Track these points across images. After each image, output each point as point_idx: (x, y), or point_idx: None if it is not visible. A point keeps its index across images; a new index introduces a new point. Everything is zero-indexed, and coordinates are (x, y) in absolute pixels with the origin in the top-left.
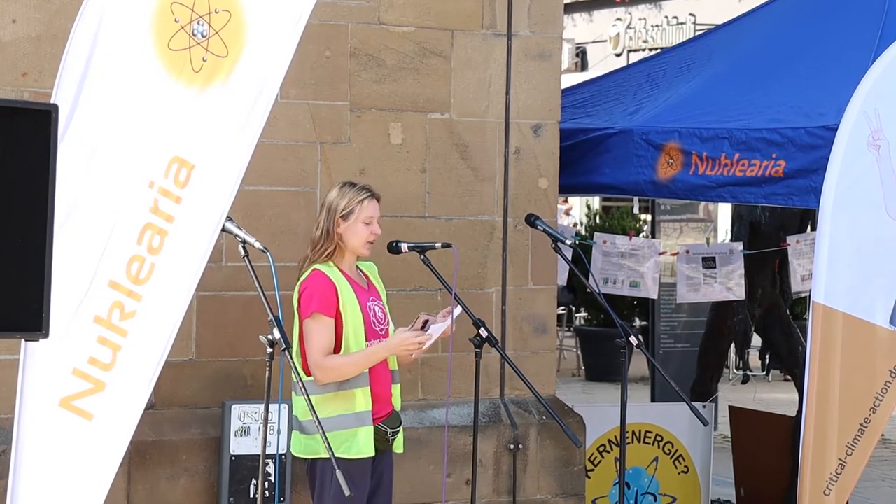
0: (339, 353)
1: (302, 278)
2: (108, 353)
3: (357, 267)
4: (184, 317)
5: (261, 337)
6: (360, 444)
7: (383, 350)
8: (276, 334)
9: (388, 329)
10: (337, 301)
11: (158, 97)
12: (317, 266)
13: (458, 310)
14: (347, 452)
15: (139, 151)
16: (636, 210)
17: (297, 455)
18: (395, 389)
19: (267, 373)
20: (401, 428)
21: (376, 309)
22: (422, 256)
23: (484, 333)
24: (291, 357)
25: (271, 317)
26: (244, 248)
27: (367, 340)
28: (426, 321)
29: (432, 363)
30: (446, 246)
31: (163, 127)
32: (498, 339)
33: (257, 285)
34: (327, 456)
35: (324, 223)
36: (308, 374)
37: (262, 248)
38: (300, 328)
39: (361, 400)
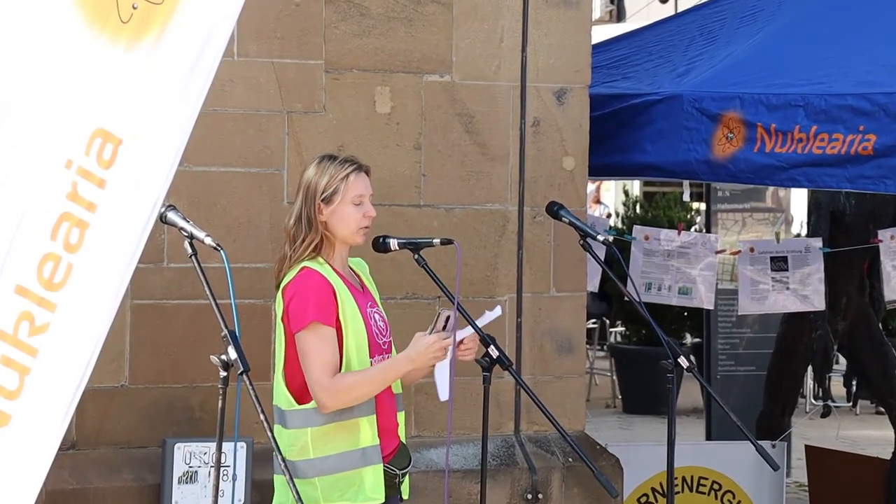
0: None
1: (287, 280)
2: (13, 377)
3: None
4: (112, 331)
5: (212, 357)
6: (368, 489)
7: (405, 361)
8: (233, 354)
9: (390, 342)
10: (337, 307)
11: (76, 55)
12: (306, 263)
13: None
14: (353, 499)
15: (52, 123)
16: (686, 197)
17: None
18: (401, 418)
19: (220, 402)
20: (410, 467)
21: (376, 317)
22: (416, 255)
23: (494, 353)
24: (251, 382)
25: (226, 331)
26: (191, 244)
27: (370, 357)
28: (448, 317)
29: (428, 390)
30: (446, 242)
31: (82, 92)
32: (512, 360)
33: (208, 292)
34: None
35: (301, 210)
36: (301, 401)
37: (214, 244)
38: (286, 344)
39: (367, 432)
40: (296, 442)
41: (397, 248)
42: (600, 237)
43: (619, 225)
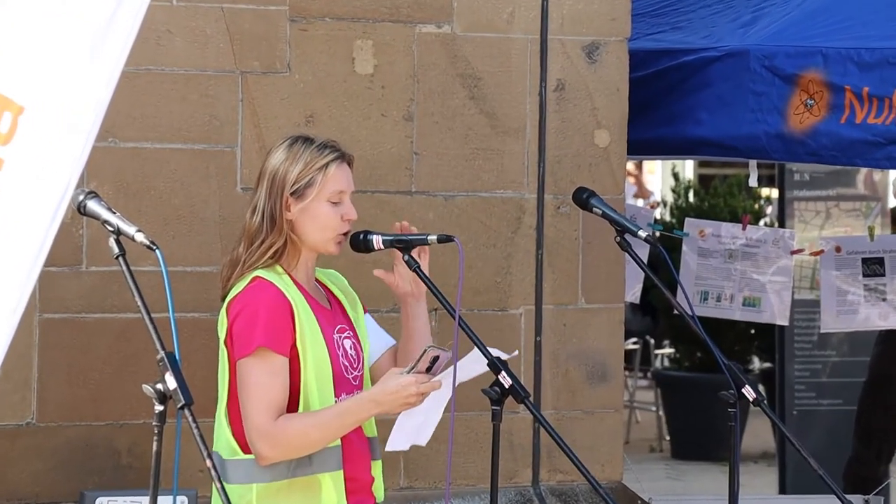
0: (294, 412)
1: (234, 292)
2: None
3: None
4: (13, 353)
5: (145, 387)
6: None
7: (369, 404)
8: (171, 382)
9: (362, 376)
10: (294, 330)
11: None
12: (259, 273)
13: (471, 363)
14: None
15: None
16: (753, 182)
17: None
18: (376, 469)
19: (155, 445)
20: None
21: (346, 344)
22: (406, 257)
23: (506, 381)
24: (194, 419)
25: (162, 354)
26: (118, 242)
27: (335, 395)
28: (436, 357)
29: None
30: (445, 240)
31: None
32: (529, 391)
33: (139, 302)
34: None
35: (265, 204)
36: (247, 449)
37: (147, 241)
38: (230, 373)
39: (331, 492)
40: (238, 501)
41: (382, 246)
42: (642, 233)
43: (667, 217)
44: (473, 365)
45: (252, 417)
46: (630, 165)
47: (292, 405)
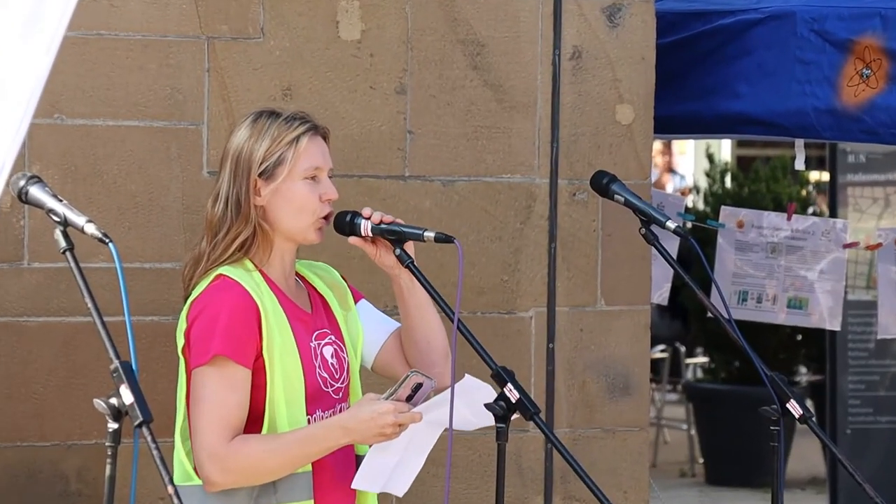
0: (258, 433)
1: (195, 293)
2: None
3: (296, 272)
4: None
5: (97, 401)
6: None
7: (339, 431)
8: (127, 397)
9: (345, 388)
10: (260, 338)
11: None
12: (224, 270)
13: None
14: None
15: None
16: (800, 165)
17: None
18: (365, 498)
19: (108, 468)
20: None
21: (327, 353)
22: (398, 250)
23: (513, 395)
24: (154, 438)
25: (116, 363)
26: (65, 234)
27: (308, 414)
28: (419, 385)
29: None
30: (444, 240)
31: None
32: (540, 406)
33: (90, 304)
34: None
35: (229, 190)
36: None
37: (99, 234)
38: (188, 386)
39: None
40: None
41: (370, 234)
42: (671, 224)
43: (701, 206)
44: (472, 394)
45: (202, 436)
46: (657, 146)
47: (256, 424)
